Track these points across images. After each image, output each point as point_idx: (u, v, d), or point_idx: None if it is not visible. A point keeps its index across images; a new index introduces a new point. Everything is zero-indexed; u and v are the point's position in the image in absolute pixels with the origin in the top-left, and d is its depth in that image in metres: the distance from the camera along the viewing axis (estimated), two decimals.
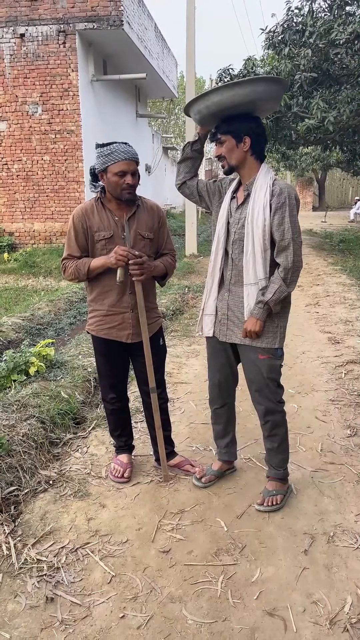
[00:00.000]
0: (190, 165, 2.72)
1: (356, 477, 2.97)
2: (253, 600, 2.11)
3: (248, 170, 2.54)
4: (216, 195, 2.70)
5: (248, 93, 2.33)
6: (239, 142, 2.47)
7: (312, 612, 2.05)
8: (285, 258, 2.44)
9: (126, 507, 2.73)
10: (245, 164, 2.53)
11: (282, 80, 2.46)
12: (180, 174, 2.76)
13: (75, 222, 2.70)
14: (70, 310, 7.41)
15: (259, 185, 2.48)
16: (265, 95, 2.38)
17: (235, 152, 2.49)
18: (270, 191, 2.44)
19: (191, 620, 2.03)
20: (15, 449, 3.03)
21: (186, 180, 2.73)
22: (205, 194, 2.73)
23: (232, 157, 2.51)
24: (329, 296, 7.71)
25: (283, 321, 2.61)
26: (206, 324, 2.77)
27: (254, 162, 2.53)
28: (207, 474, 2.94)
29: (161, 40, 16.35)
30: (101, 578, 2.25)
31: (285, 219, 2.42)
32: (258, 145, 2.51)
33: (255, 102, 2.38)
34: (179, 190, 2.82)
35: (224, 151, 2.51)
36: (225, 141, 2.49)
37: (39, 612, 2.07)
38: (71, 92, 11.77)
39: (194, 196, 2.77)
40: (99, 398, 4.07)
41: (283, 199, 2.41)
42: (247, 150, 2.49)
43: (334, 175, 36.25)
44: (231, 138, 2.47)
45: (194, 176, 2.75)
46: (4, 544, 2.41)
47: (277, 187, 2.44)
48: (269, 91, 2.39)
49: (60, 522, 2.60)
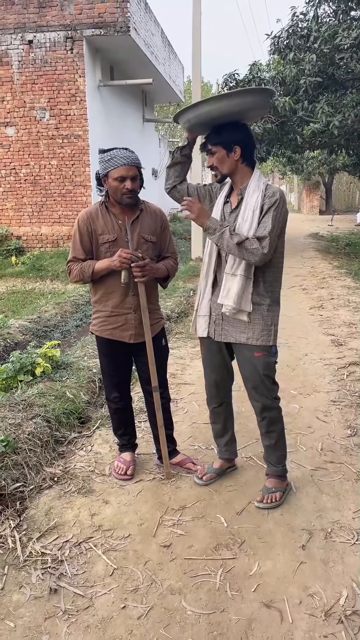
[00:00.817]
0: (179, 169, 2.79)
1: (355, 476, 3.02)
2: (251, 593, 2.17)
3: (240, 177, 2.61)
4: (207, 199, 2.76)
5: (236, 104, 2.41)
6: (229, 152, 2.53)
7: (308, 605, 2.11)
8: (261, 244, 2.44)
9: (129, 504, 2.79)
10: (237, 172, 2.59)
11: (268, 89, 2.57)
12: (170, 178, 2.82)
13: (80, 226, 2.78)
14: (77, 312, 7.50)
15: (252, 189, 2.55)
16: (253, 105, 2.46)
17: (227, 161, 2.56)
18: (262, 195, 2.50)
19: (190, 611, 2.09)
20: (21, 447, 3.10)
21: (176, 185, 2.79)
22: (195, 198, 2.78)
23: (223, 167, 2.57)
24: (333, 299, 7.75)
25: (276, 320, 2.69)
26: (200, 325, 2.83)
27: (246, 168, 2.60)
28: (208, 472, 3.00)
29: (167, 45, 16.48)
30: (103, 571, 2.31)
31: (269, 218, 2.46)
32: (248, 152, 2.58)
33: (244, 111, 2.46)
34: (169, 194, 2.86)
35: (216, 161, 2.58)
36: (215, 152, 2.56)
37: (43, 602, 2.14)
38: (78, 97, 11.89)
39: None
40: (103, 398, 4.14)
41: (274, 201, 2.48)
42: (238, 159, 2.55)
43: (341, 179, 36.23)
44: (221, 148, 2.54)
45: (183, 180, 2.80)
46: (9, 538, 2.48)
47: (270, 190, 2.52)
48: (257, 101, 2.48)
49: (65, 517, 2.67)
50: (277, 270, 2.66)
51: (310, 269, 11.00)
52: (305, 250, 14.24)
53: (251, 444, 3.39)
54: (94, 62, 12.31)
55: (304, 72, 9.74)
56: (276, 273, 2.66)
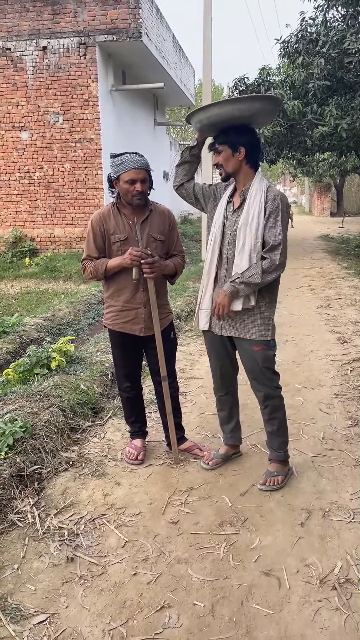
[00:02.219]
0: (187, 168, 2.97)
1: (354, 462, 3.18)
2: (252, 563, 2.35)
3: (243, 178, 2.78)
4: (211, 199, 2.94)
5: (247, 109, 2.60)
6: (234, 152, 2.71)
7: (304, 574, 2.28)
8: (275, 255, 2.65)
9: (139, 485, 2.98)
10: (241, 172, 2.77)
11: (277, 98, 2.76)
12: (178, 176, 3.01)
13: (93, 226, 2.98)
14: (89, 311, 7.71)
15: (254, 191, 2.72)
16: (261, 111, 2.65)
17: (231, 161, 2.74)
18: (264, 197, 2.68)
19: (195, 578, 2.27)
20: (39, 434, 3.31)
21: (183, 183, 2.98)
22: (201, 196, 2.97)
23: (228, 166, 2.76)
24: (340, 299, 7.89)
25: (273, 315, 2.86)
26: (202, 319, 3.00)
27: (249, 170, 2.77)
28: (214, 458, 3.18)
29: (179, 50, 16.71)
30: (116, 543, 2.50)
31: (277, 222, 2.66)
32: (252, 155, 2.76)
33: (252, 116, 2.65)
34: (176, 191, 3.05)
35: (221, 160, 2.76)
36: (222, 151, 2.74)
37: (61, 569, 2.33)
38: (91, 102, 12.14)
39: (190, 198, 3.01)
40: (115, 391, 4.33)
41: (277, 204, 2.66)
42: (242, 160, 2.73)
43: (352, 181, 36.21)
44: (227, 148, 2.72)
45: (190, 179, 2.99)
46: (29, 514, 2.68)
47: (271, 193, 2.69)
48: (265, 108, 2.67)
49: (79, 497, 2.86)
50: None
51: (319, 269, 11.13)
52: (314, 252, 14.37)
53: (256, 432, 3.57)
54: (107, 67, 12.56)
55: (313, 75, 9.90)
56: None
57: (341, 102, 10.33)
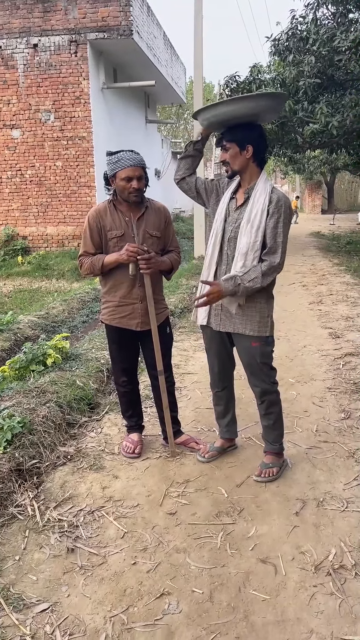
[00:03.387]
0: (190, 162, 3.00)
1: (347, 453, 3.25)
2: (248, 551, 2.40)
3: (249, 175, 2.81)
4: (213, 194, 2.98)
5: (254, 106, 2.63)
6: (242, 149, 2.73)
7: (300, 560, 2.34)
8: (273, 257, 2.70)
9: (137, 478, 3.03)
10: (247, 170, 2.79)
11: (283, 94, 2.80)
12: (180, 169, 3.03)
13: (90, 222, 3.02)
14: (83, 309, 7.74)
15: (259, 190, 2.75)
16: (268, 108, 2.69)
17: (239, 158, 2.76)
18: (268, 198, 2.71)
19: (194, 566, 2.32)
20: (37, 429, 3.34)
21: (185, 177, 3.01)
22: (203, 191, 3.00)
23: (235, 163, 2.77)
24: (332, 295, 7.97)
25: (271, 312, 2.90)
26: (200, 314, 3.05)
27: (255, 168, 2.80)
28: (210, 450, 3.23)
29: (170, 47, 16.73)
30: (115, 534, 2.55)
31: (279, 224, 2.69)
32: (259, 153, 2.78)
33: (259, 113, 2.68)
34: (177, 184, 3.08)
35: (228, 157, 2.78)
36: (230, 148, 2.76)
37: (61, 560, 2.38)
38: (82, 99, 12.15)
39: (191, 192, 3.03)
40: (111, 386, 4.38)
41: (280, 206, 2.68)
42: (250, 158, 2.75)
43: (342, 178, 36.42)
44: (235, 146, 2.73)
45: (192, 173, 3.02)
46: (29, 507, 2.72)
47: (275, 195, 2.71)
48: (272, 105, 2.70)
49: (78, 490, 2.91)
50: None
51: (311, 266, 11.23)
52: (306, 249, 14.46)
53: (251, 426, 3.62)
54: (98, 65, 12.58)
55: (304, 73, 9.97)
56: None
57: (331, 100, 10.41)
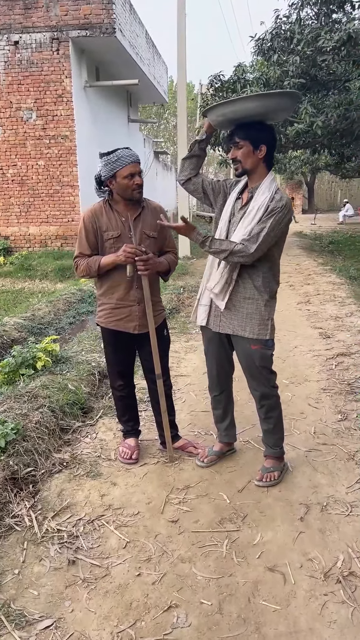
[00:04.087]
0: (195, 162, 2.92)
1: (347, 456, 3.21)
2: (255, 559, 2.35)
3: (258, 176, 2.73)
4: (220, 194, 2.91)
5: (271, 105, 2.56)
6: (255, 149, 2.65)
7: (308, 568, 2.29)
8: (250, 245, 2.57)
9: (136, 485, 2.96)
10: (257, 170, 2.71)
11: (299, 94, 2.72)
12: (185, 170, 2.95)
13: (86, 223, 2.93)
14: (69, 310, 7.62)
15: (263, 190, 2.67)
16: (284, 107, 2.64)
17: (251, 157, 2.67)
18: (271, 197, 2.63)
19: (200, 576, 2.26)
20: (30, 435, 3.25)
21: (191, 177, 2.93)
22: (210, 191, 2.92)
23: (247, 162, 2.68)
24: (319, 294, 7.98)
25: (272, 314, 2.83)
26: (200, 314, 2.98)
27: (264, 169, 2.72)
28: (209, 455, 3.17)
29: (152, 46, 16.63)
30: (117, 544, 2.47)
31: (269, 221, 2.57)
32: (271, 154, 2.71)
33: (273, 112, 2.61)
34: (182, 186, 3.00)
35: (240, 155, 2.68)
36: (243, 146, 2.66)
37: (63, 572, 2.30)
38: (65, 98, 11.99)
39: (198, 192, 2.96)
40: (104, 390, 4.30)
41: (280, 206, 2.59)
42: (262, 158, 2.67)
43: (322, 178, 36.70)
44: (249, 144, 2.65)
45: (198, 173, 2.94)
46: (26, 517, 2.63)
47: (279, 195, 2.63)
48: (288, 104, 2.65)
49: (76, 498, 2.82)
50: (274, 266, 2.77)
51: (296, 266, 11.25)
52: (290, 248, 14.50)
53: (248, 429, 3.57)
54: (80, 63, 12.43)
55: (288, 73, 9.95)
56: (274, 269, 2.78)
57: (314, 100, 10.41)
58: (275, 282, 2.83)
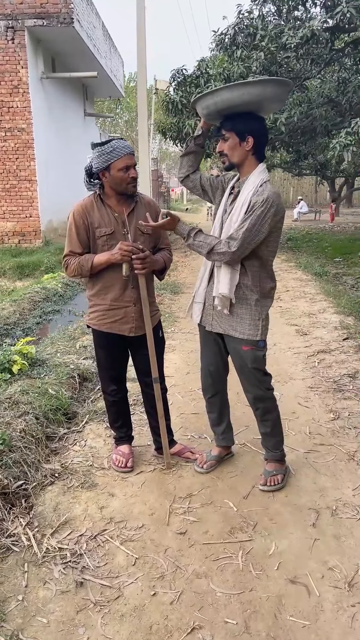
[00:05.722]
0: (192, 159, 2.80)
1: (346, 456, 3.16)
2: (274, 571, 2.24)
3: (247, 169, 2.61)
4: (219, 190, 2.79)
5: (259, 93, 2.41)
6: (242, 140, 2.53)
7: (330, 578, 2.21)
8: (232, 244, 2.45)
9: (135, 495, 2.80)
10: (245, 163, 2.59)
11: (290, 82, 2.56)
12: (183, 167, 2.83)
13: (76, 219, 2.74)
14: (35, 309, 7.34)
15: (249, 182, 2.56)
16: (273, 96, 2.47)
17: (238, 150, 2.55)
18: (255, 190, 2.50)
19: (220, 592, 2.13)
20: (16, 445, 3.04)
21: (189, 174, 2.81)
22: (208, 188, 2.81)
23: (233, 155, 2.57)
24: (288, 291, 7.98)
25: (264, 315, 2.70)
26: (195, 312, 2.87)
27: (254, 161, 2.60)
28: (208, 460, 3.05)
29: (108, 39, 16.32)
30: (125, 561, 2.32)
31: (252, 218, 2.43)
32: (260, 145, 2.58)
33: (263, 102, 2.47)
34: (182, 183, 2.89)
35: (226, 148, 2.57)
36: (228, 138, 2.55)
37: (71, 596, 2.12)
38: (21, 89, 11.58)
39: (197, 189, 2.84)
40: (85, 393, 4.11)
41: (261, 200, 2.43)
42: (249, 150, 2.55)
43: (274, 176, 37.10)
44: (235, 136, 2.53)
45: (196, 170, 2.82)
46: (23, 536, 2.43)
47: (262, 188, 2.49)
48: (278, 92, 2.49)
49: (74, 512, 2.64)
50: (265, 264, 2.64)
51: None
52: None
53: (242, 430, 3.47)
54: (36, 53, 12.03)
55: (251, 69, 9.92)
56: (266, 267, 2.65)
57: None
58: (269, 279, 2.70)
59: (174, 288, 8.23)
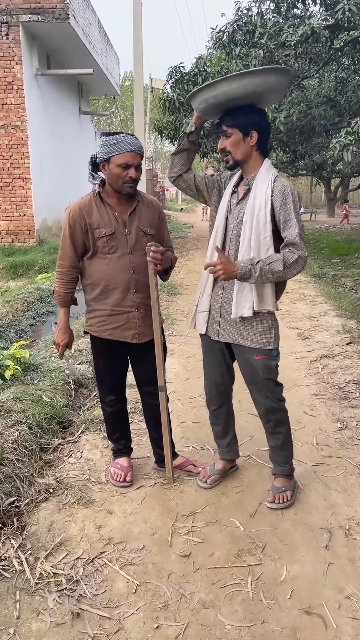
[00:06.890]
0: (185, 157, 2.62)
1: (357, 470, 3.00)
2: (287, 600, 2.08)
3: (252, 166, 2.46)
4: (215, 190, 2.62)
5: (259, 83, 2.25)
6: (245, 136, 2.38)
7: (347, 608, 2.04)
8: (295, 250, 2.33)
9: (135, 512, 2.63)
10: (250, 159, 2.44)
11: (290, 70, 2.42)
12: (175, 166, 2.65)
13: (71, 223, 2.57)
14: (29, 311, 7.14)
15: (261, 180, 2.41)
16: (275, 86, 2.32)
17: (242, 146, 2.40)
18: (271, 187, 2.37)
19: (229, 625, 1.96)
20: (8, 457, 2.86)
21: (182, 174, 2.63)
22: (203, 187, 2.64)
23: (237, 152, 2.42)
24: (287, 293, 7.82)
25: (276, 323, 2.56)
26: (199, 321, 2.70)
27: (259, 157, 2.45)
28: (212, 474, 2.88)
29: (104, 36, 16.11)
30: (125, 588, 2.14)
31: (291, 215, 2.34)
32: (263, 139, 2.44)
33: (264, 93, 2.32)
34: (174, 183, 2.71)
35: (229, 145, 2.41)
36: (231, 134, 2.39)
37: (67, 629, 1.95)
38: (15, 85, 11.38)
39: (190, 190, 2.66)
40: (81, 400, 3.93)
41: (286, 195, 2.34)
42: (254, 145, 2.40)
43: None
44: (238, 131, 2.38)
45: (189, 169, 2.65)
46: (14, 559, 2.25)
47: (279, 183, 2.37)
48: (278, 82, 2.33)
49: (70, 532, 2.47)
50: None
51: None
52: None
53: (247, 441, 3.31)
54: (31, 49, 11.84)
55: (249, 67, 9.76)
56: None
57: None
58: (282, 288, 2.56)
59: (172, 289, 8.05)
